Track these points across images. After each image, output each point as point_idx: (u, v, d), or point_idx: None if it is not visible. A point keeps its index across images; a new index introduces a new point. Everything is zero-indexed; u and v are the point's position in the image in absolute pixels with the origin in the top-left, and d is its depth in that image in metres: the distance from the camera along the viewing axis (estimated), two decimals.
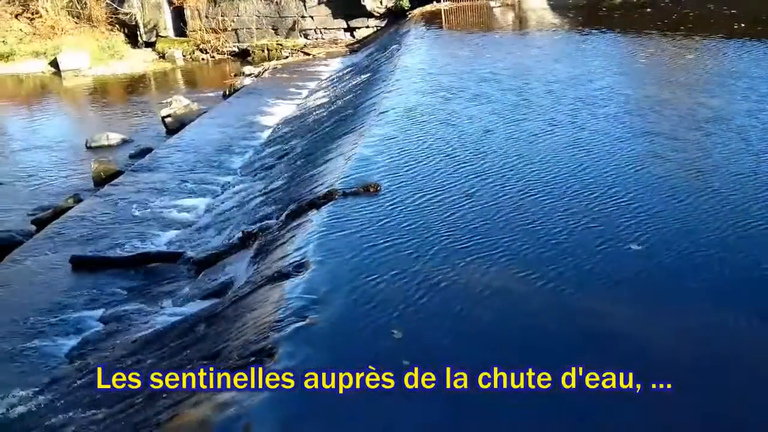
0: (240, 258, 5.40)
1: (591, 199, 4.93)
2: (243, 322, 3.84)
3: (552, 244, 4.24)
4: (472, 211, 4.83)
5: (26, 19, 21.85)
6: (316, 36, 20.19)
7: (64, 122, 15.52)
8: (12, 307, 5.46)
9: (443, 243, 4.33)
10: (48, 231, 7.31)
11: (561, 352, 3.21)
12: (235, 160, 9.49)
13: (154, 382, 3.57)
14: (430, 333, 3.41)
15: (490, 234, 4.43)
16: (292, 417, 2.85)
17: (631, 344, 3.26)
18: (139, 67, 20.03)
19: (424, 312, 3.56)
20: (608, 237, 4.30)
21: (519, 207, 4.86)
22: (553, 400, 2.88)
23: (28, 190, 9.89)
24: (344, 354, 3.25)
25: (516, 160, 5.90)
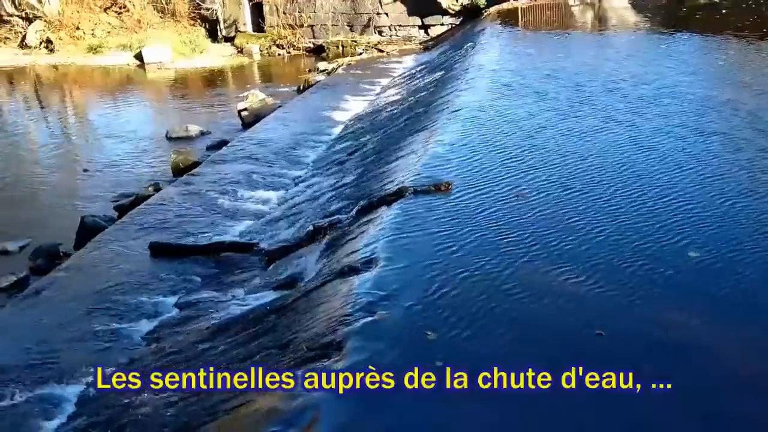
0: (310, 251, 5.48)
1: (663, 203, 4.81)
2: (312, 314, 3.91)
3: (614, 247, 4.18)
4: (544, 213, 4.76)
5: (114, 12, 22.79)
6: (390, 33, 20.25)
7: (146, 113, 16.11)
8: (94, 289, 5.71)
9: (514, 245, 4.29)
10: (129, 217, 7.60)
11: (623, 357, 3.14)
12: (307, 155, 9.63)
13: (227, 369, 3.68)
14: (498, 334, 3.38)
15: (558, 237, 4.37)
16: (359, 412, 2.88)
17: (693, 352, 3.16)
18: (218, 61, 20.57)
19: (491, 313, 3.54)
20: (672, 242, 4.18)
21: (585, 210, 4.79)
22: (621, 401, 2.82)
23: (112, 178, 10.32)
24: (412, 351, 3.26)
25: (588, 164, 5.79)
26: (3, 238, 7.78)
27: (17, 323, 5.21)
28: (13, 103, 17.20)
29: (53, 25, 21.95)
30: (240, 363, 3.69)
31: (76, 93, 18.62)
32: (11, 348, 4.76)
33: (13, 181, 10.56)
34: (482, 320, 3.46)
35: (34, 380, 4.32)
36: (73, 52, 21.36)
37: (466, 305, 3.60)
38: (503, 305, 3.60)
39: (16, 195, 9.85)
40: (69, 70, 20.47)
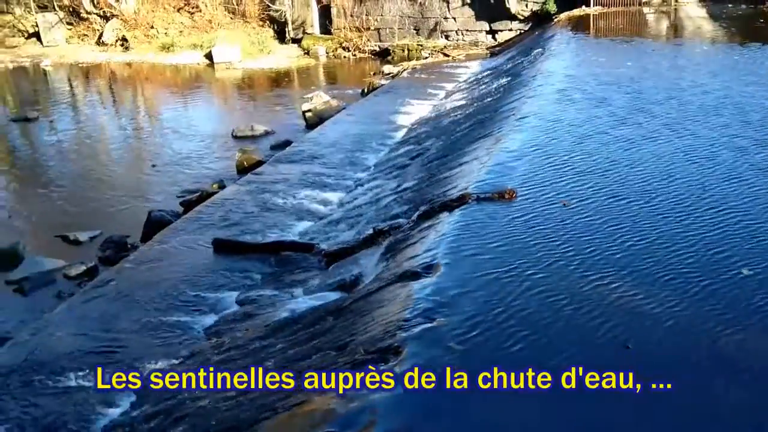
0: (370, 254, 5.48)
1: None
2: (371, 317, 3.89)
3: (672, 261, 4.05)
4: (609, 224, 4.64)
5: (187, 12, 23.43)
6: (457, 37, 20.16)
7: (213, 112, 16.50)
8: (159, 281, 5.86)
9: (577, 256, 4.18)
10: (194, 213, 7.78)
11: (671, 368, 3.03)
12: (369, 157, 9.66)
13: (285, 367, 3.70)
14: (557, 345, 3.29)
15: (619, 249, 4.27)
16: (416, 417, 2.85)
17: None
18: (285, 62, 20.89)
19: (552, 324, 3.45)
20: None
21: (647, 222, 4.66)
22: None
23: (179, 174, 10.59)
24: (470, 359, 3.21)
25: (654, 175, 5.62)
26: (75, 229, 8.08)
27: (86, 311, 5.38)
28: (89, 99, 17.87)
29: (129, 24, 22.72)
30: (297, 362, 3.70)
31: (148, 90, 19.22)
32: (79, 334, 4.92)
33: (86, 175, 10.96)
34: (541, 331, 3.39)
35: (101, 366, 4.45)
36: (146, 50, 22.06)
37: (526, 315, 3.53)
38: (563, 316, 3.51)
39: (89, 188, 10.22)
40: (142, 67, 21.16)
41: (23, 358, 4.62)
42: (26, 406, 4.07)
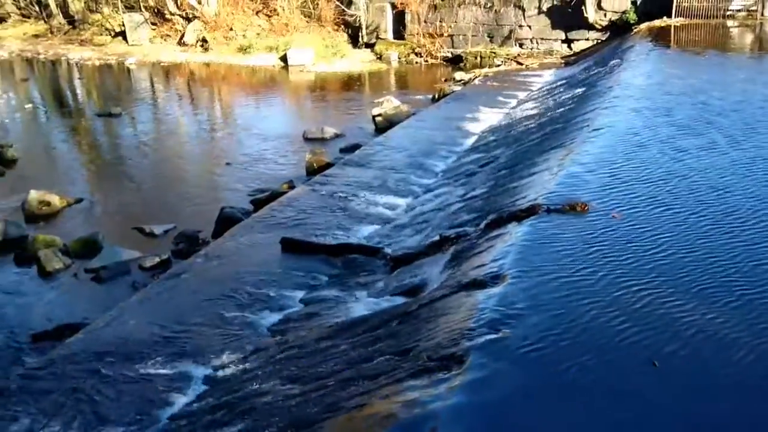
0: (435, 261, 5.46)
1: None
2: (435, 324, 3.88)
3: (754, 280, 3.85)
4: (685, 243, 4.47)
5: (265, 15, 24.01)
6: (531, 46, 19.92)
7: (286, 113, 16.82)
8: (228, 277, 6.00)
9: (650, 273, 4.05)
10: (263, 212, 7.93)
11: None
12: (437, 164, 9.64)
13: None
14: (625, 366, 3.20)
15: (698, 268, 4.11)
16: (476, 428, 2.82)
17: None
18: (357, 66, 21.11)
19: (620, 344, 3.35)
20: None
21: (724, 239, 4.45)
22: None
23: (251, 173, 10.83)
24: (534, 374, 3.16)
25: (733, 193, 5.38)
26: (151, 222, 8.37)
27: (159, 301, 5.57)
28: (168, 97, 18.52)
29: (209, 26, 23.44)
30: (360, 364, 3.72)
31: (224, 90, 19.76)
32: (153, 324, 5.09)
33: (163, 170, 11.36)
34: (609, 351, 3.29)
35: (170, 356, 4.60)
36: (224, 51, 22.71)
37: (594, 332, 3.44)
38: (631, 336, 3.40)
39: (165, 182, 10.58)
40: (220, 68, 21.78)
41: (98, 344, 4.81)
42: (99, 391, 4.23)
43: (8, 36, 27.83)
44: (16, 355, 5.30)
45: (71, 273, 7.05)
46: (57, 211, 8.88)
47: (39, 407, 4.11)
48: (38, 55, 24.49)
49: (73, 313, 6.10)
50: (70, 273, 7.06)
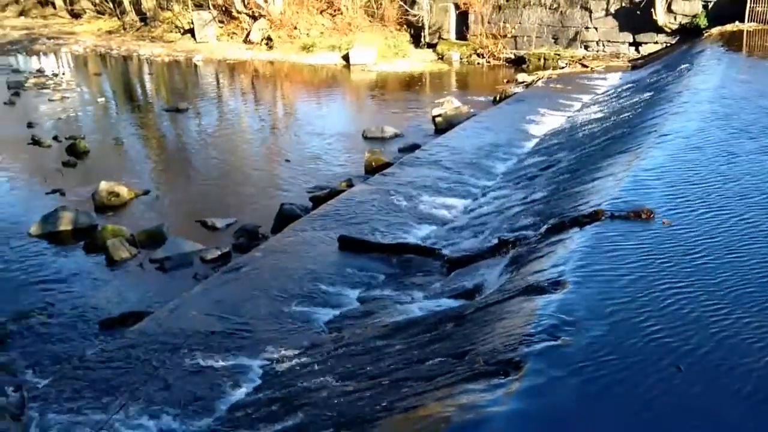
0: (493, 264, 5.41)
1: None
2: (491, 328, 3.84)
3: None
4: (756, 253, 4.30)
5: (329, 15, 24.27)
6: (597, 48, 19.50)
7: (346, 112, 16.95)
8: (286, 272, 6.09)
9: (719, 285, 3.91)
10: (322, 209, 8.01)
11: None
12: (497, 166, 9.54)
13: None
14: (689, 381, 3.09)
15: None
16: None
17: None
18: (418, 66, 21.10)
19: (684, 357, 3.24)
20: None
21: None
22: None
23: (310, 170, 10.95)
24: (593, 383, 3.09)
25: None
26: (213, 215, 8.56)
27: (219, 293, 5.70)
28: (232, 94, 18.93)
29: (274, 24, 23.85)
30: (415, 365, 3.72)
31: (287, 88, 20.06)
32: (213, 315, 5.22)
33: (226, 165, 11.60)
34: (671, 362, 3.19)
35: (229, 347, 4.70)
36: (288, 50, 23.06)
37: (656, 345, 3.33)
38: (695, 347, 3.29)
39: (227, 177, 10.81)
40: (283, 66, 22.12)
41: (161, 333, 4.96)
42: (161, 379, 4.36)
43: (83, 32, 28.99)
44: (84, 339, 5.50)
45: (137, 262, 7.29)
46: (125, 202, 9.18)
47: (104, 391, 4.26)
48: (111, 50, 25.39)
49: (138, 301, 6.31)
50: (136, 262, 7.29)
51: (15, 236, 7.88)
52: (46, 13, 33.65)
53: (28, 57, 24.09)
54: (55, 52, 25.22)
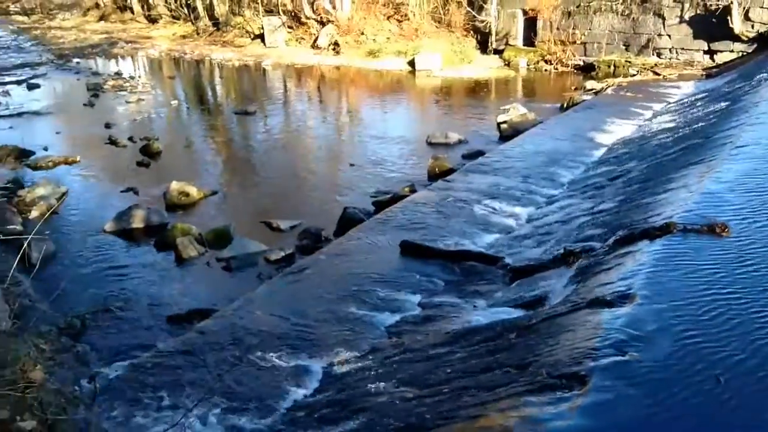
0: (558, 274, 5.31)
1: None
2: (556, 340, 3.77)
3: None
4: None
5: (396, 20, 24.41)
6: (670, 56, 18.92)
7: (410, 117, 16.99)
8: (348, 275, 6.14)
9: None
10: (384, 213, 8.05)
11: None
12: (564, 174, 9.37)
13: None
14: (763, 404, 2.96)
15: None
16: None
17: None
18: (484, 72, 20.96)
19: (759, 379, 3.10)
20: None
21: None
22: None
23: (373, 174, 11.02)
24: (661, 402, 2.99)
25: None
26: (277, 217, 8.72)
27: (282, 295, 5.79)
28: (299, 98, 19.24)
29: (342, 30, 24.14)
30: (476, 374, 3.69)
31: (352, 93, 20.26)
32: (276, 316, 5.31)
33: (291, 167, 11.80)
34: (747, 384, 3.06)
35: (291, 348, 4.77)
36: (354, 55, 23.30)
37: (728, 363, 3.20)
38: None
39: (292, 180, 10.98)
40: (349, 71, 22.36)
41: (226, 331, 5.08)
42: (224, 376, 4.46)
43: (159, 36, 30.04)
44: (152, 334, 5.69)
45: (204, 261, 7.49)
46: (194, 201, 9.46)
47: (170, 385, 4.39)
48: (185, 54, 26.22)
49: (204, 298, 6.47)
50: (203, 261, 7.49)
51: (92, 232, 8.22)
52: (125, 18, 35.04)
53: (107, 60, 25.13)
54: (132, 56, 26.22)
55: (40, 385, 3.16)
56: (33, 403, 3.00)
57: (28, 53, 24.07)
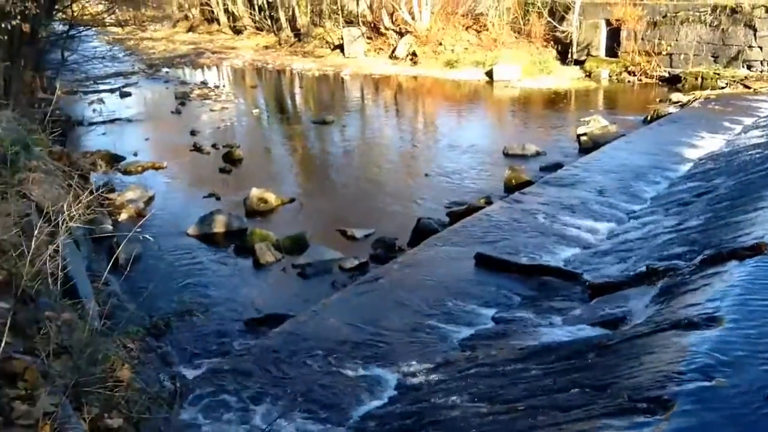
0: (639, 293, 5.14)
1: None
2: (637, 362, 3.65)
3: None
4: None
5: (474, 31, 24.31)
6: (761, 68, 18.03)
7: (487, 128, 16.83)
8: (422, 286, 6.14)
9: None
10: (459, 225, 8.00)
11: None
12: (647, 190, 9.07)
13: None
14: None
15: None
16: None
17: None
18: (564, 83, 20.56)
19: None
20: None
21: None
22: None
23: (448, 185, 10.97)
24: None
25: None
26: (352, 225, 8.80)
27: (356, 303, 5.84)
28: (376, 108, 19.41)
29: (420, 40, 24.21)
30: (552, 394, 3.61)
31: (429, 103, 20.27)
32: (349, 324, 5.36)
33: (366, 176, 11.90)
34: None
35: (364, 357, 4.80)
36: (431, 65, 23.32)
37: None
38: None
39: (367, 188, 11.08)
40: (426, 81, 22.39)
41: (301, 337, 5.16)
42: (298, 381, 4.53)
43: (243, 47, 30.96)
44: (230, 337, 5.84)
45: (281, 267, 7.64)
46: (272, 208, 9.68)
47: (244, 389, 4.49)
48: (267, 64, 26.91)
49: (280, 304, 6.59)
50: (280, 267, 7.64)
51: (176, 235, 8.54)
52: (212, 29, 36.29)
53: (193, 69, 26.10)
54: (217, 66, 27.13)
55: (127, 384, 3.30)
56: (120, 401, 3.14)
57: (122, 63, 25.26)
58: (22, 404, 2.57)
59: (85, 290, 4.69)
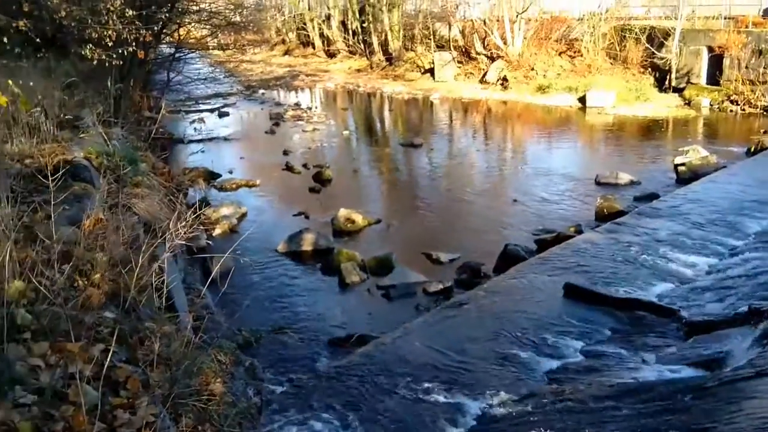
0: (741, 334, 4.87)
1: None
2: (738, 407, 3.45)
3: None
4: None
5: (568, 57, 23.94)
6: None
7: (578, 155, 16.45)
8: (507, 314, 6.04)
9: None
10: (547, 253, 7.84)
11: None
12: (751, 224, 8.59)
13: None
14: None
15: None
16: None
17: None
18: (661, 111, 19.88)
19: None
20: None
21: None
22: None
23: (537, 212, 10.78)
24: None
25: None
26: (438, 249, 8.78)
27: (440, 328, 5.81)
28: (465, 132, 19.37)
29: (512, 65, 24.07)
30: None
31: (518, 128, 20.05)
32: (433, 348, 5.33)
33: (453, 200, 11.87)
34: None
35: (446, 383, 4.76)
36: (522, 90, 23.10)
37: None
38: None
39: (454, 213, 11.04)
40: (516, 106, 22.19)
41: (385, 359, 5.17)
42: (380, 403, 4.54)
43: (336, 70, 31.77)
44: (315, 354, 5.93)
45: (365, 287, 7.71)
46: (359, 229, 9.80)
47: (326, 407, 4.54)
48: (358, 87, 27.46)
49: (364, 325, 6.64)
50: (365, 287, 7.71)
51: (267, 252, 8.79)
52: (307, 53, 37.44)
53: (288, 91, 26.97)
54: (310, 88, 27.93)
55: (219, 397, 3.40)
56: (213, 414, 3.24)
57: (221, 84, 26.41)
58: (124, 413, 2.68)
59: (181, 303, 4.89)
